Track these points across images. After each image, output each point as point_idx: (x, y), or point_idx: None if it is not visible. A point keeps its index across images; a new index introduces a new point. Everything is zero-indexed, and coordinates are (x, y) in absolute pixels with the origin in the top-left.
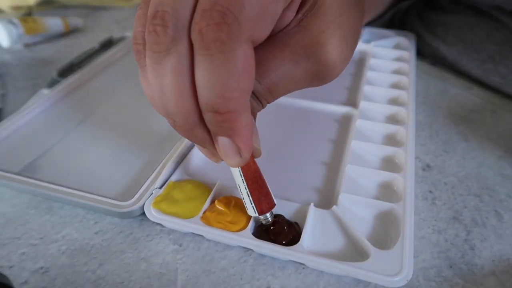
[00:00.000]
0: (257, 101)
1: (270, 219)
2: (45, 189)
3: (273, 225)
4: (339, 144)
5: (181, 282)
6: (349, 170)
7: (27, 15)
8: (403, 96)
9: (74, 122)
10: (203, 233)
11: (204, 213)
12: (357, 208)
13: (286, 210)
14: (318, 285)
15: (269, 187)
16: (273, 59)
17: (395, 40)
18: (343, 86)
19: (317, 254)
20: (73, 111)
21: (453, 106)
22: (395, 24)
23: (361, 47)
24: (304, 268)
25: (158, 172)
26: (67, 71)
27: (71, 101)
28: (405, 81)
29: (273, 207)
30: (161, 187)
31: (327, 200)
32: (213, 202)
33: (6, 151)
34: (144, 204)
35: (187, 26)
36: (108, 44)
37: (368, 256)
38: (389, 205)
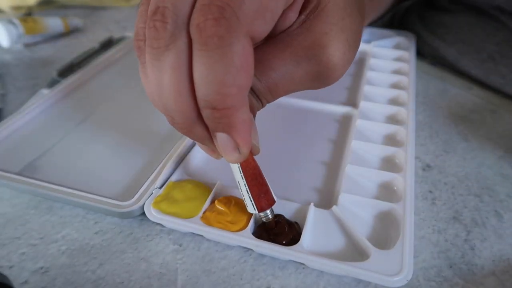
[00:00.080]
0: (257, 100)
1: (270, 216)
2: (45, 189)
3: (273, 225)
4: (339, 144)
5: (181, 282)
6: (349, 170)
7: (27, 15)
8: (403, 96)
9: (74, 122)
10: (203, 233)
11: (204, 213)
12: (357, 208)
13: (286, 210)
14: (318, 285)
15: (269, 185)
16: (274, 59)
17: (395, 40)
18: (343, 86)
19: (317, 254)
20: (73, 111)
21: (453, 106)
22: (395, 24)
23: (361, 47)
24: (304, 268)
25: (158, 172)
26: (67, 71)
27: (71, 101)
28: (405, 81)
29: (273, 204)
30: (161, 187)
31: (327, 200)
32: (213, 202)
33: (6, 151)
34: (144, 204)
35: (187, 22)
36: (108, 44)
37: (368, 256)
38: (389, 205)
